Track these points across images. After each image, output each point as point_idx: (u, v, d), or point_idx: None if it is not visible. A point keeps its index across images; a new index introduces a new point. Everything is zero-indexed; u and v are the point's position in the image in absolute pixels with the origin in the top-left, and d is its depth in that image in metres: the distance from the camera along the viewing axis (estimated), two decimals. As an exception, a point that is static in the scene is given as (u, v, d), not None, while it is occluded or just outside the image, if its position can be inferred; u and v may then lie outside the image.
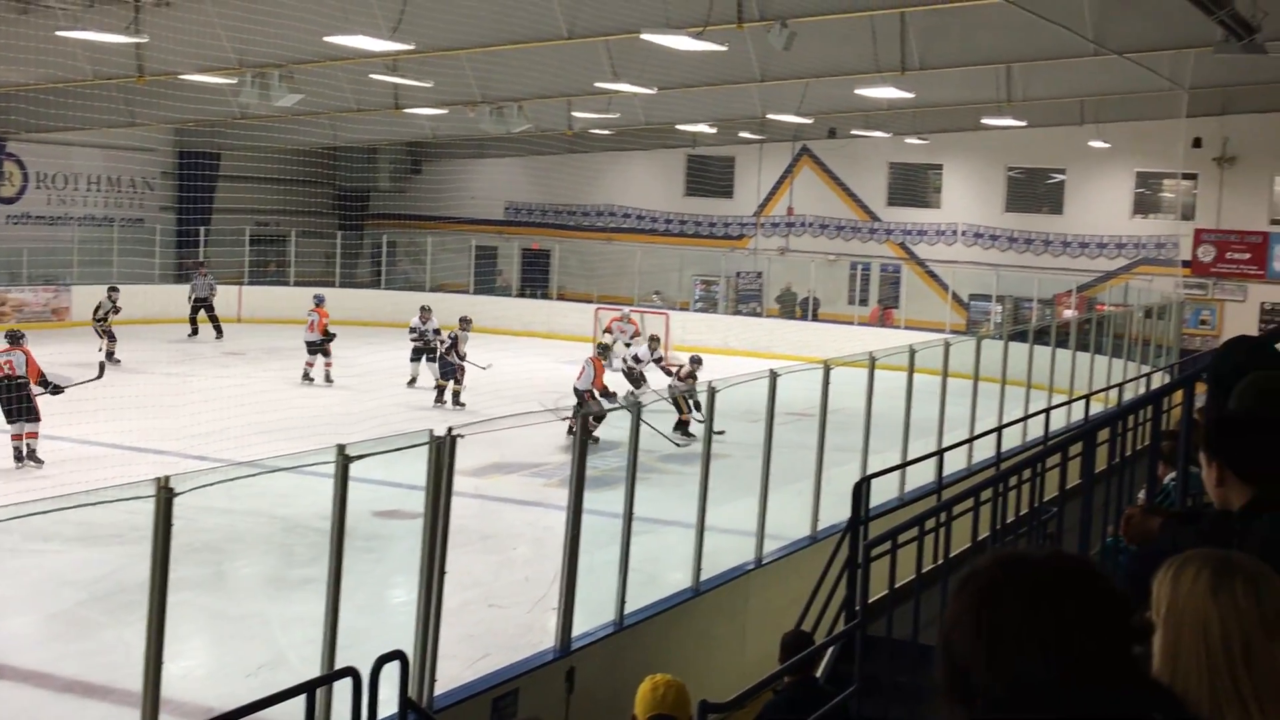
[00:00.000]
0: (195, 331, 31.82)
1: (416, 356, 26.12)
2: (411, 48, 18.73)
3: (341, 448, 7.89)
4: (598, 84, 22.93)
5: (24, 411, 17.86)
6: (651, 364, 25.16)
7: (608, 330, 30.91)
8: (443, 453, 8.35)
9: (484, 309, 36.25)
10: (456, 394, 24.01)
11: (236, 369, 26.71)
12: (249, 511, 15.29)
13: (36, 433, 17.92)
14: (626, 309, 31.99)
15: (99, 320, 27.11)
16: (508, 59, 22.99)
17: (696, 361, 23.35)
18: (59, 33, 19.83)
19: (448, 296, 37.12)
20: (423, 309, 26.74)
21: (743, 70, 22.49)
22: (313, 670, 7.99)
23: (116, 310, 27.46)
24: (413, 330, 26.35)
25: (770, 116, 28.98)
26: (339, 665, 7.65)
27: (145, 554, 7.19)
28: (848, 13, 18.36)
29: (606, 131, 34.26)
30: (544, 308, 36.94)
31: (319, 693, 7.48)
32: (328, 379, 25.91)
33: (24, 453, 17.81)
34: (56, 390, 18.29)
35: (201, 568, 13.21)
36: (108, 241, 34.18)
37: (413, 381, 25.84)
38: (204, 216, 36.01)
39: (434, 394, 24.24)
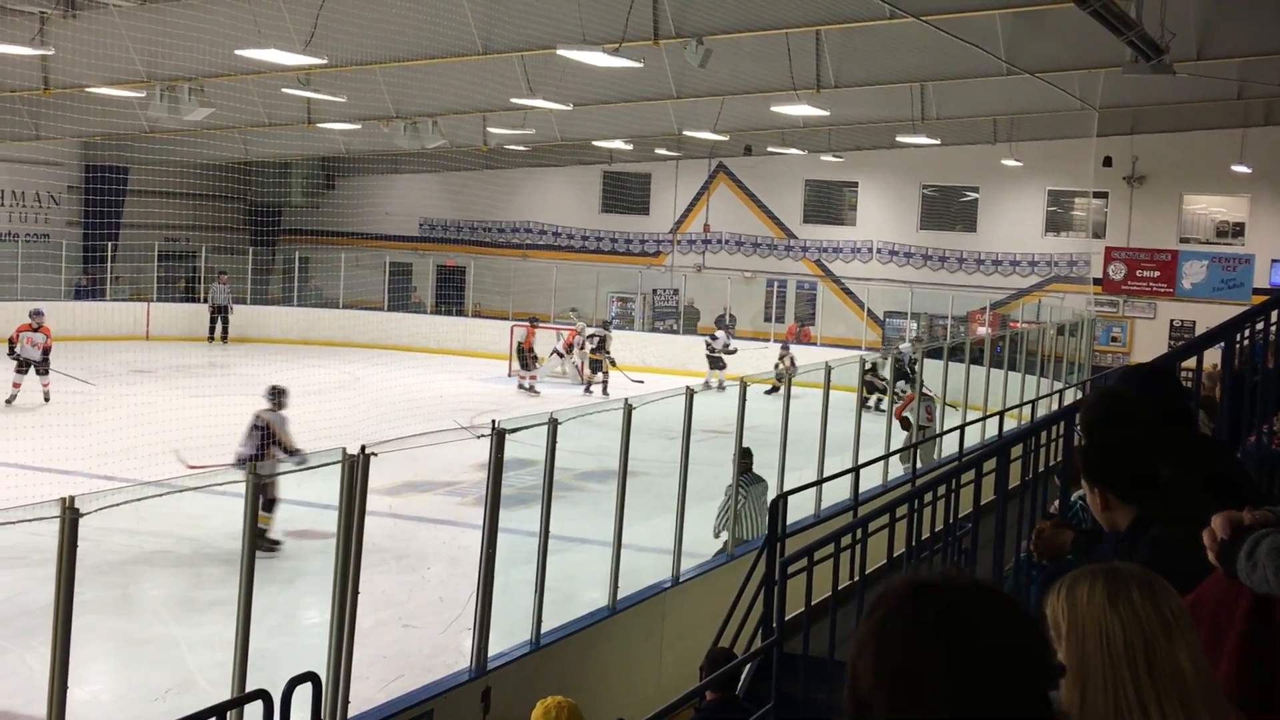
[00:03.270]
0: (212, 338, 35.31)
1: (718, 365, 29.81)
2: (325, 62, 18.53)
3: (253, 466, 7.74)
4: (513, 100, 22.83)
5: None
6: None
7: (569, 345, 30.94)
8: (356, 471, 8.22)
9: (398, 326, 36.03)
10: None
11: (145, 386, 26.26)
12: (157, 532, 15.01)
13: None
14: (580, 323, 32.03)
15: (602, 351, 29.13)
16: (422, 74, 22.84)
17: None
18: (-38, 44, 19.45)
19: (361, 313, 36.86)
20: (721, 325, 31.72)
21: (659, 87, 22.50)
22: (223, 693, 7.82)
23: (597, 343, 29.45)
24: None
25: (686, 133, 29.03)
26: (250, 688, 7.50)
27: (49, 576, 7.00)
28: (763, 30, 18.42)
29: (522, 148, 34.15)
30: (459, 325, 36.70)
31: (230, 716, 7.34)
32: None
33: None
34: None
35: (108, 590, 12.96)
36: (12, 257, 33.55)
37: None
38: (112, 232, 35.37)
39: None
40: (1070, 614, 2.36)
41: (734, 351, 30.45)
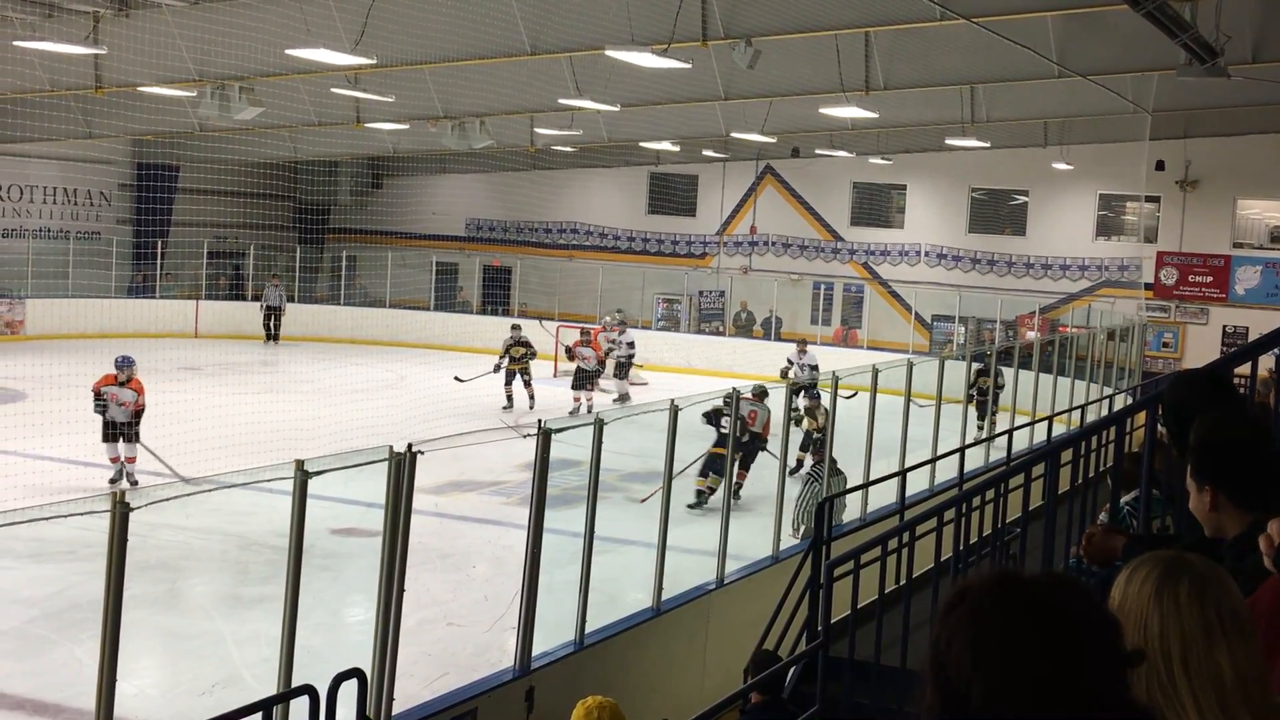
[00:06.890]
0: (268, 338, 35.37)
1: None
2: (373, 62, 18.62)
3: (300, 463, 7.75)
4: (561, 100, 22.86)
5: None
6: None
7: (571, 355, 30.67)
8: (402, 469, 8.23)
9: (444, 326, 36.12)
10: None
11: (193, 384, 26.43)
12: (204, 528, 15.11)
13: None
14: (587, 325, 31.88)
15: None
16: (470, 74, 22.90)
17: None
18: (16, 43, 19.62)
19: (407, 313, 36.99)
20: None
21: (707, 88, 22.47)
22: (268, 689, 7.85)
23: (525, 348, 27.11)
24: None
25: (734, 135, 28.97)
26: (296, 684, 7.52)
27: (98, 571, 7.05)
28: (812, 31, 18.36)
29: (569, 148, 34.20)
30: (505, 325, 36.68)
31: (275, 711, 7.36)
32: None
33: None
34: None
35: (155, 585, 13.04)
36: (63, 254, 33.86)
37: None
38: (162, 230, 35.65)
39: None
40: (1121, 596, 2.39)
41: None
